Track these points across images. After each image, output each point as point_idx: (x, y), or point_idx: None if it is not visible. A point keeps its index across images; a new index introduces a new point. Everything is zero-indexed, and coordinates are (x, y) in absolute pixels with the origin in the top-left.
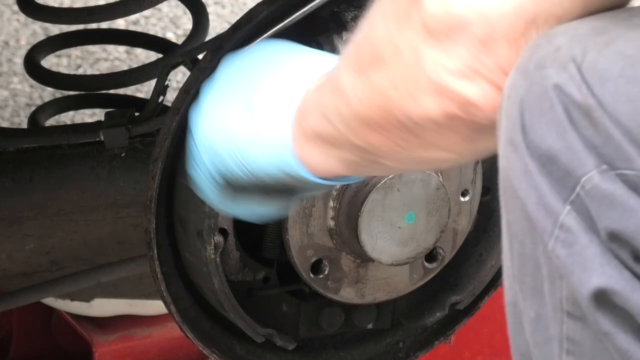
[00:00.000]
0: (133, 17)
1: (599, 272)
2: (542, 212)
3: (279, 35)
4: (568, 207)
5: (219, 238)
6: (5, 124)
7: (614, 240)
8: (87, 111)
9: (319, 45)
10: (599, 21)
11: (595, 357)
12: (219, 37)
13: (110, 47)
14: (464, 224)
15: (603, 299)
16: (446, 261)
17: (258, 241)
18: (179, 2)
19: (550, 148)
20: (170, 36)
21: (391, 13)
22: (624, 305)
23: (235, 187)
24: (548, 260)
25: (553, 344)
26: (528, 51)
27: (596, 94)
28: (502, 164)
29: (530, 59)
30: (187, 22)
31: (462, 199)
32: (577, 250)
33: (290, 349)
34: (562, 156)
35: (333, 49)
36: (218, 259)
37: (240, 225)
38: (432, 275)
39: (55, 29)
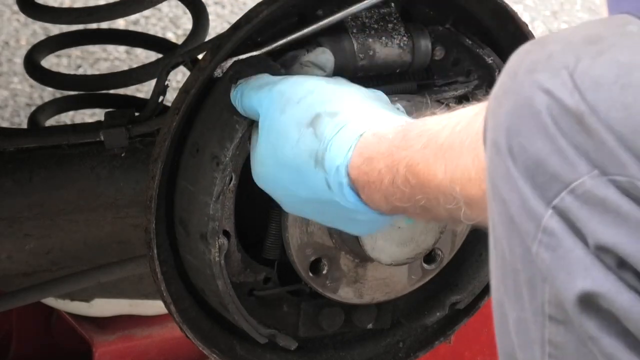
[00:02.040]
0: (133, 17)
1: (584, 275)
2: (524, 216)
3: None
4: (550, 211)
5: (223, 240)
6: (5, 124)
7: (601, 246)
8: (87, 111)
9: (319, 46)
10: (593, 30)
11: None
12: (219, 37)
13: (110, 47)
14: (463, 225)
15: (588, 302)
16: (445, 263)
17: (259, 242)
18: (179, 2)
19: (538, 151)
20: (170, 36)
21: None
22: (609, 308)
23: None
24: (529, 264)
25: (534, 347)
26: (519, 55)
27: (589, 100)
28: (487, 165)
29: (521, 63)
30: (187, 22)
31: None
32: (561, 254)
33: (292, 349)
34: (550, 160)
35: (333, 50)
36: (223, 262)
37: (241, 227)
38: (430, 277)
39: (55, 29)
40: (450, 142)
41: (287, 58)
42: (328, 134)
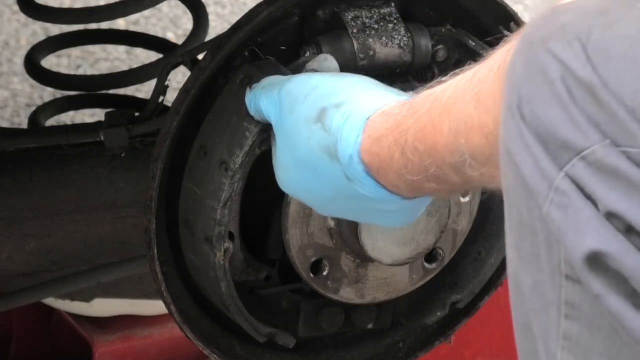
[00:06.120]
0: (133, 17)
1: (593, 235)
2: (537, 176)
3: None
4: (563, 174)
5: (228, 244)
6: (5, 124)
7: (610, 212)
8: (87, 111)
9: (319, 46)
10: (605, 0)
11: (594, 320)
12: (219, 37)
13: (110, 47)
14: (464, 224)
15: (596, 261)
16: (446, 262)
17: (261, 241)
18: (179, 2)
19: (551, 119)
20: (170, 36)
21: None
22: (617, 268)
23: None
24: (544, 224)
25: (551, 309)
26: (534, 24)
27: (600, 72)
28: (501, 130)
29: (536, 32)
30: (187, 22)
31: (462, 199)
32: (571, 213)
33: (290, 346)
34: (563, 127)
35: (333, 50)
36: (227, 265)
37: (243, 225)
38: (431, 276)
39: (55, 29)
40: (453, 98)
41: (298, 64)
42: (336, 125)
